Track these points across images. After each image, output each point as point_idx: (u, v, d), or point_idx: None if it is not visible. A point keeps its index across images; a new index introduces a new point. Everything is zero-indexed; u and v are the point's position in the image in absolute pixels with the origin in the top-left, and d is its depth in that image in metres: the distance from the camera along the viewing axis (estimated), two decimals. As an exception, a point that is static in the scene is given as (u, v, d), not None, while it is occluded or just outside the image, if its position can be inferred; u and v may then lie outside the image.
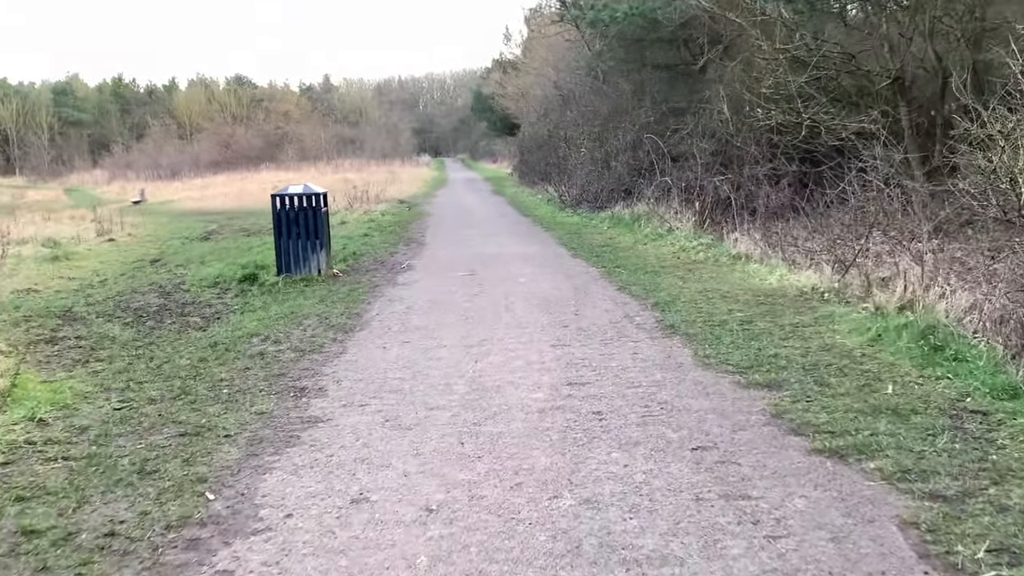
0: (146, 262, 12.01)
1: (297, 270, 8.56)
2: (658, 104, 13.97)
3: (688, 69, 14.90)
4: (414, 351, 5.17)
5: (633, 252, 10.02)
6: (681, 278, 7.91)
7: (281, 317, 6.52)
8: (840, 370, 4.52)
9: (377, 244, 11.60)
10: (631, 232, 12.01)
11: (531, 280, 7.96)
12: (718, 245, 9.79)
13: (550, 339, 5.42)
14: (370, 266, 9.49)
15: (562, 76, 20.15)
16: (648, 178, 13.33)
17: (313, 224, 8.57)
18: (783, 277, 7.58)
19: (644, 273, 8.26)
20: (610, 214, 13.88)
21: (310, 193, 8.59)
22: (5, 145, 55.03)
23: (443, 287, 7.67)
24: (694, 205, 11.42)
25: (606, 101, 15.29)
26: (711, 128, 12.53)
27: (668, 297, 6.84)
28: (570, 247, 10.70)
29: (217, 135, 57.85)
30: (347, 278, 8.59)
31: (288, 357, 5.15)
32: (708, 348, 5.06)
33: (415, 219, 15.94)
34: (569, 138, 17.89)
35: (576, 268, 8.81)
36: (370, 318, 6.31)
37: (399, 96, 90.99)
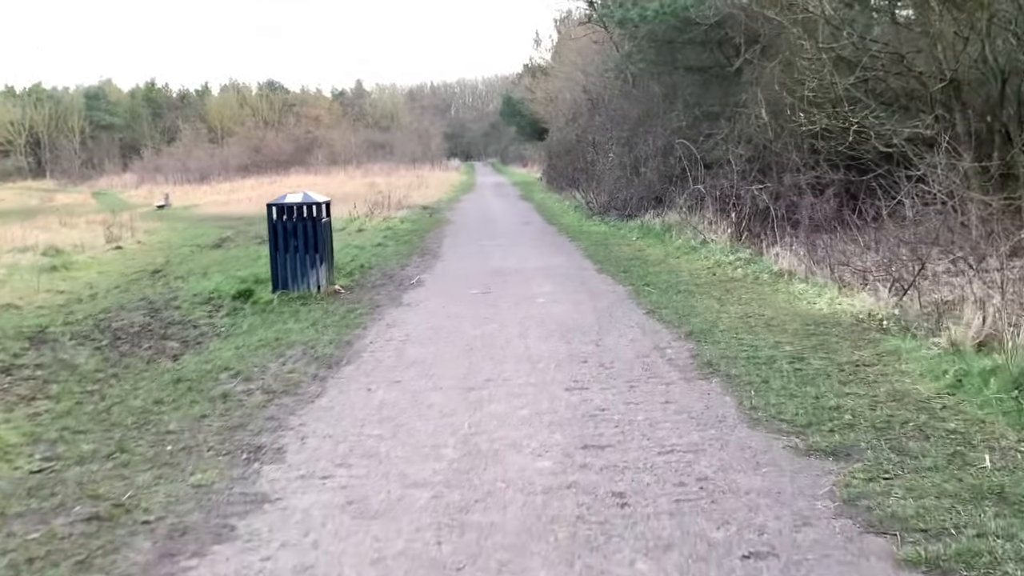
0: (147, 273, 11.47)
1: (294, 286, 7.89)
2: (690, 108, 13.09)
3: (722, 71, 13.98)
4: (403, 395, 4.40)
5: (664, 267, 9.16)
6: (718, 299, 7.04)
7: (263, 345, 5.82)
8: (920, 430, 3.65)
9: (389, 255, 10.90)
10: (662, 243, 11.15)
11: (551, 300, 7.16)
12: (757, 260, 8.89)
13: (566, 379, 4.61)
14: (377, 281, 8.77)
15: (591, 80, 19.34)
16: (680, 185, 12.44)
17: (313, 236, 7.89)
18: (834, 300, 6.67)
19: (676, 293, 7.41)
20: (639, 223, 13.02)
21: (310, 202, 7.91)
22: (37, 148, 55.82)
23: (451, 309, 6.91)
24: (730, 215, 10.51)
25: (635, 105, 14.44)
26: (747, 133, 11.61)
27: (704, 324, 5.99)
28: (596, 260, 9.87)
29: (247, 139, 58.11)
30: (349, 295, 7.88)
31: (255, 401, 4.42)
32: (755, 395, 4.21)
33: (435, 227, 15.24)
34: (597, 143, 17.07)
35: (601, 286, 7.99)
36: (362, 348, 5.57)
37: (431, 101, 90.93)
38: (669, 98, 13.42)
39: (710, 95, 13.05)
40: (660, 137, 13.01)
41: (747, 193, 10.41)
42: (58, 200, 42.05)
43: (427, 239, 12.91)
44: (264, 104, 67.99)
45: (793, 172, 10.06)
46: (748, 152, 11.40)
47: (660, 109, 13.43)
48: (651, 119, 13.62)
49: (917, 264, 6.73)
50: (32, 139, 55.94)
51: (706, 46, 12.81)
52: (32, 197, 43.82)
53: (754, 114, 11.35)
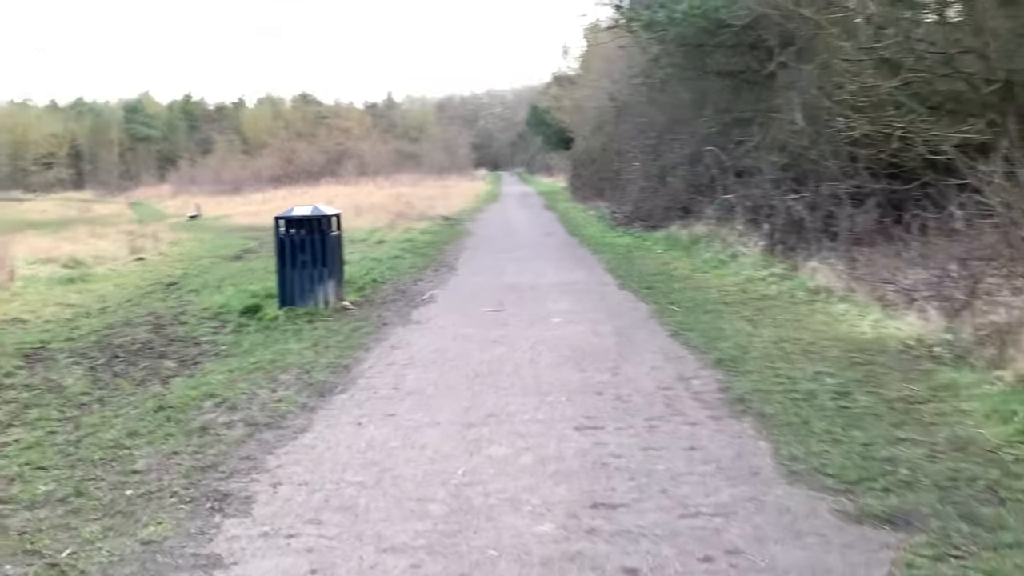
0: (162, 286, 11.25)
1: (301, 302, 7.52)
2: (720, 114, 12.51)
3: (754, 75, 13.39)
4: (395, 432, 3.96)
5: (691, 283, 8.61)
6: (750, 320, 6.48)
7: (258, 368, 5.43)
8: (992, 491, 3.09)
9: (404, 269, 10.51)
10: (688, 256, 10.59)
11: (567, 320, 6.68)
12: (792, 276, 8.30)
13: (577, 415, 4.12)
14: (388, 296, 8.37)
15: (617, 87, 18.84)
16: (708, 195, 11.87)
17: (321, 251, 7.52)
18: (878, 323, 6.08)
19: (704, 312, 6.86)
20: (665, 234, 12.48)
21: (318, 215, 7.55)
22: (78, 160, 57.05)
23: (460, 329, 6.46)
24: (762, 227, 9.92)
25: (662, 111, 13.90)
26: (781, 140, 11.00)
27: (734, 350, 5.45)
28: (618, 275, 9.36)
29: (280, 151, 58.74)
30: (357, 312, 7.49)
31: (234, 435, 4.01)
32: (794, 441, 3.67)
33: (454, 239, 14.85)
34: (622, 151, 16.56)
35: (623, 304, 7.47)
36: (359, 373, 5.14)
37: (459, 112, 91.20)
38: (698, 104, 12.87)
39: (741, 100, 12.47)
40: (688, 144, 12.46)
41: (781, 203, 9.81)
42: (96, 211, 42.85)
43: (445, 251, 12.51)
44: (297, 116, 68.76)
45: (830, 181, 9.43)
46: (782, 160, 10.80)
47: (688, 115, 12.88)
48: (678, 126, 13.08)
49: (971, 282, 6.11)
50: (73, 151, 57.22)
51: (737, 49, 12.25)
52: (72, 208, 44.70)
53: (788, 120, 10.75)
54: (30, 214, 43.02)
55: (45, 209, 44.88)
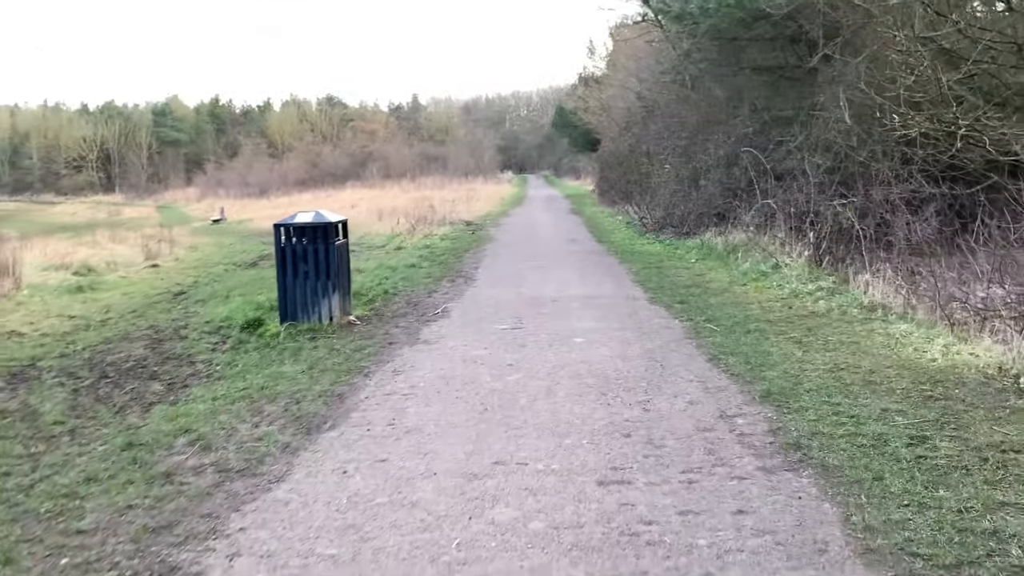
0: (170, 295, 10.84)
1: (304, 317, 6.97)
2: (758, 112, 11.75)
3: (794, 71, 12.59)
4: (384, 484, 3.34)
5: (729, 297, 7.88)
6: (799, 343, 5.76)
7: (245, 396, 4.86)
8: None
9: (420, 278, 9.93)
10: (725, 267, 9.84)
11: (591, 340, 6.01)
12: (843, 291, 7.53)
13: (601, 465, 3.47)
14: (399, 310, 7.79)
15: (645, 86, 18.11)
16: (746, 200, 11.11)
17: (324, 261, 6.96)
18: (949, 348, 5.31)
19: (745, 332, 6.15)
20: (699, 242, 11.72)
21: (322, 223, 6.99)
22: (107, 164, 57.79)
23: (472, 350, 5.84)
24: (806, 235, 9.14)
25: (695, 110, 13.15)
26: (826, 140, 10.21)
27: (784, 379, 4.74)
28: (648, 287, 8.66)
29: (305, 154, 58.96)
30: (363, 328, 6.91)
31: (201, 484, 3.44)
32: (867, 505, 2.98)
33: (475, 245, 14.25)
34: (651, 153, 15.81)
35: (654, 321, 6.78)
36: (354, 404, 4.54)
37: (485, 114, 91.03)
38: (733, 102, 12.11)
39: (780, 98, 11.69)
40: (723, 146, 11.70)
41: (827, 209, 9.03)
42: (124, 214, 43.25)
43: (464, 259, 11.91)
44: (323, 119, 69.06)
45: (883, 185, 8.63)
46: (827, 162, 10.00)
47: (723, 114, 12.12)
48: (712, 126, 12.32)
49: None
50: (103, 154, 57.99)
51: (776, 42, 11.47)
52: (101, 211, 45.23)
53: (834, 118, 9.95)
54: (61, 217, 43.63)
55: (75, 212, 45.51)
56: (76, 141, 56.37)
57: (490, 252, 12.88)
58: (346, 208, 33.33)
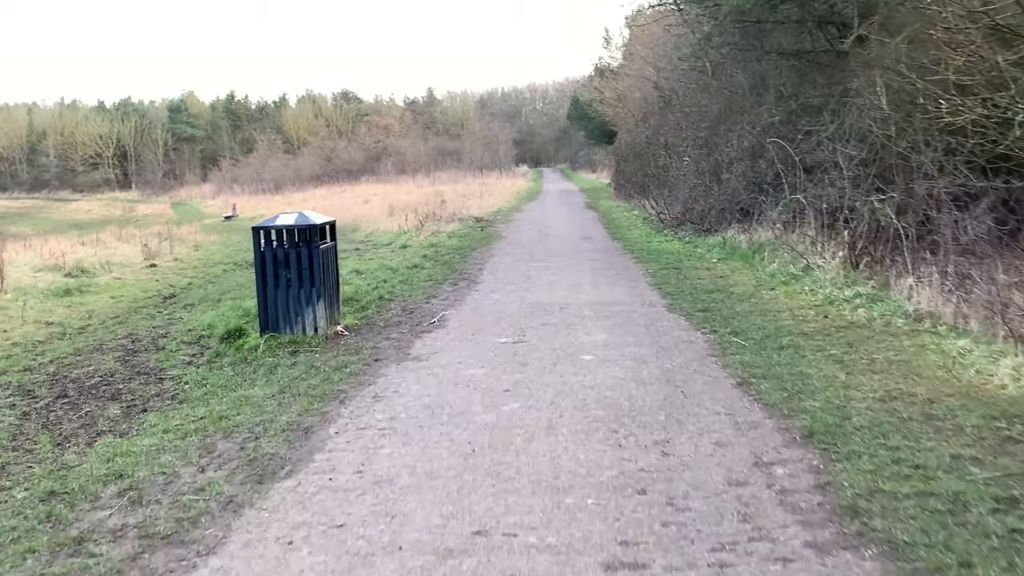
0: (160, 298, 10.28)
1: (286, 328, 6.33)
2: (784, 100, 10.92)
3: (823, 55, 11.74)
4: (335, 564, 2.66)
5: (756, 303, 7.12)
6: (840, 361, 5.01)
7: (199, 429, 4.22)
8: None
9: (420, 281, 9.27)
10: (750, 268, 9.07)
11: (602, 359, 5.31)
12: (884, 297, 6.75)
13: (608, 536, 2.77)
14: (393, 318, 7.13)
15: (663, 74, 17.28)
16: (772, 195, 10.31)
17: (308, 267, 6.31)
18: (1021, 371, 4.53)
19: (778, 348, 5.40)
20: (720, 240, 10.94)
21: (305, 225, 6.34)
22: (124, 160, 57.77)
23: (466, 370, 5.16)
24: (840, 234, 8.35)
25: (716, 99, 12.33)
26: (860, 129, 9.37)
27: (828, 413, 4.01)
28: (666, 292, 7.93)
29: (320, 149, 58.58)
30: (351, 340, 6.26)
31: (112, 557, 2.79)
32: (959, 612, 2.26)
33: (483, 243, 13.57)
34: (670, 145, 15.01)
35: (673, 334, 6.06)
36: (320, 442, 3.88)
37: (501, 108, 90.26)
38: (757, 89, 11.29)
39: (809, 84, 10.85)
40: (747, 136, 10.90)
41: (864, 205, 8.22)
42: (139, 211, 43.15)
43: (470, 260, 11.23)
44: (338, 114, 68.65)
45: (926, 178, 7.81)
46: (861, 153, 9.17)
47: (746, 103, 11.31)
48: (735, 115, 11.51)
49: None
50: (119, 151, 57.97)
51: (803, 24, 10.63)
52: (116, 208, 45.16)
53: (868, 105, 9.11)
54: (75, 214, 43.66)
55: (90, 209, 45.45)
56: (92, 138, 56.38)
57: (498, 251, 12.18)
58: (359, 203, 32.91)
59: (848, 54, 11.30)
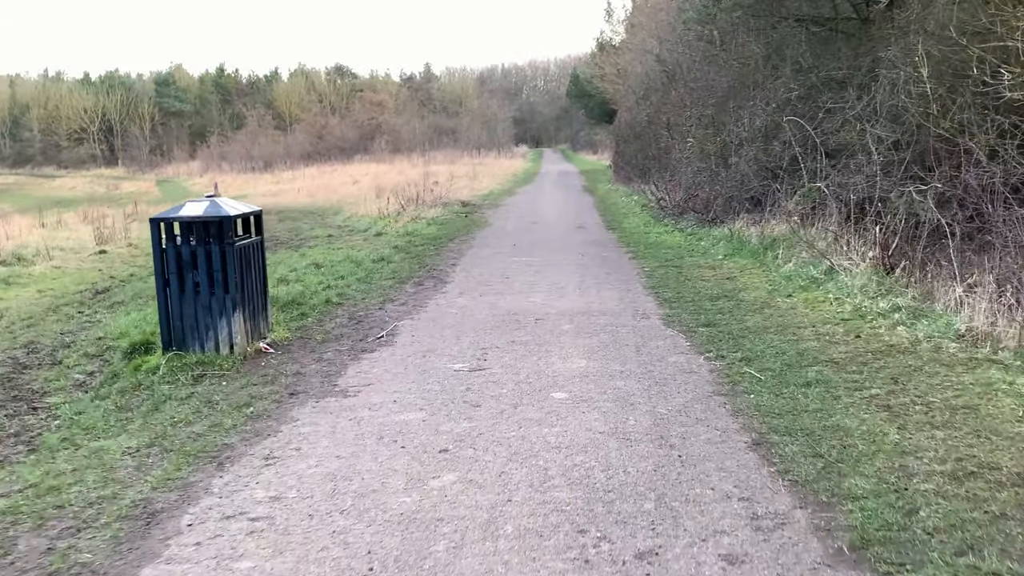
0: (91, 294, 9.09)
1: (194, 345, 5.15)
2: (803, 73, 9.64)
3: (846, 23, 10.43)
4: None
5: (772, 316, 5.92)
6: (886, 407, 3.83)
7: (9, 510, 3.05)
8: None
9: (382, 278, 8.07)
10: (762, 268, 7.87)
11: (577, 398, 4.13)
12: (928, 311, 5.55)
13: None
14: (335, 329, 5.94)
15: (666, 46, 15.91)
16: (788, 182, 9.07)
17: (221, 269, 5.11)
18: None
19: (803, 385, 4.22)
20: (727, 232, 9.72)
21: (215, 217, 5.12)
22: (110, 135, 56.18)
23: (400, 412, 3.98)
24: (870, 231, 7.13)
25: (724, 72, 11.03)
26: (892, 107, 8.12)
27: (884, 502, 2.84)
28: (664, 297, 6.73)
29: (311, 126, 56.95)
30: (273, 362, 5.08)
31: None
32: None
33: (464, 232, 12.35)
34: (672, 124, 13.73)
35: (669, 360, 4.87)
36: (157, 547, 2.71)
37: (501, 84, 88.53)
38: (772, 61, 10.00)
39: (832, 54, 9.57)
40: (759, 114, 9.63)
41: (899, 197, 6.99)
42: (124, 188, 41.80)
43: (445, 252, 10.02)
44: (331, 90, 66.91)
45: (976, 166, 6.57)
46: (894, 134, 7.93)
47: (759, 76, 10.02)
48: (746, 90, 10.23)
49: None
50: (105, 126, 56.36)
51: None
52: (101, 185, 43.80)
53: (903, 78, 7.85)
54: (58, 191, 42.25)
55: (74, 186, 44.07)
56: (77, 112, 54.75)
57: (479, 241, 10.96)
58: (347, 184, 31.60)
59: (874, 22, 10.00)
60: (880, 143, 7.83)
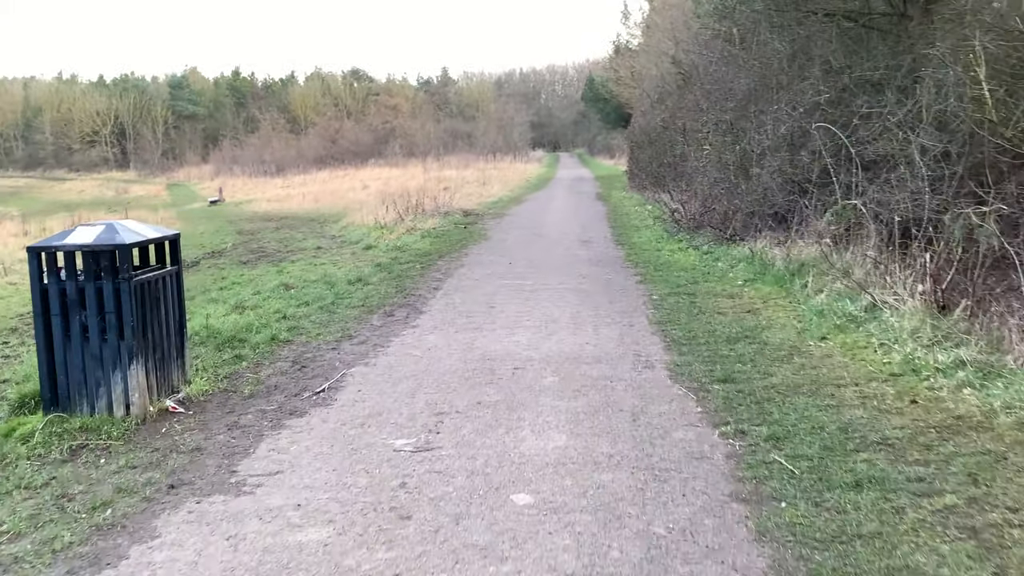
0: (30, 319, 8.17)
1: (80, 404, 4.17)
2: (835, 74, 8.52)
3: (880, 20, 9.29)
4: None
5: (802, 368, 4.82)
6: (970, 533, 2.76)
7: None
8: None
9: (350, 306, 7.06)
10: (788, 298, 6.76)
11: (545, 507, 3.08)
12: (1000, 367, 4.42)
13: None
14: (270, 379, 4.93)
15: (683, 47, 14.82)
16: (818, 198, 7.95)
17: (115, 310, 4.12)
18: None
19: (852, 487, 3.14)
20: (747, 252, 8.61)
21: (108, 246, 4.13)
22: (122, 138, 55.92)
23: (298, 531, 2.95)
24: (918, 258, 5.99)
25: (744, 73, 9.92)
26: (939, 112, 6.99)
27: None
28: (672, 338, 5.65)
29: (325, 130, 56.36)
30: (179, 427, 4.07)
31: None
32: None
33: (458, 246, 11.33)
34: (688, 130, 12.63)
35: (674, 435, 3.80)
36: None
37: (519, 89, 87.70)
38: (798, 60, 8.89)
39: (866, 53, 8.45)
40: (784, 120, 8.51)
41: (954, 219, 5.86)
42: (132, 192, 41.37)
43: (430, 272, 8.99)
44: (347, 93, 66.38)
45: (1051, 183, 5.43)
46: (941, 144, 6.79)
47: (784, 77, 8.91)
48: (769, 93, 9.12)
49: None
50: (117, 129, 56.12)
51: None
52: (110, 189, 43.43)
53: (953, 79, 6.73)
54: (67, 195, 41.85)
55: (83, 190, 43.69)
56: (89, 115, 54.51)
57: (470, 260, 9.93)
58: (357, 189, 30.79)
59: (912, 17, 8.86)
60: (927, 154, 6.70)
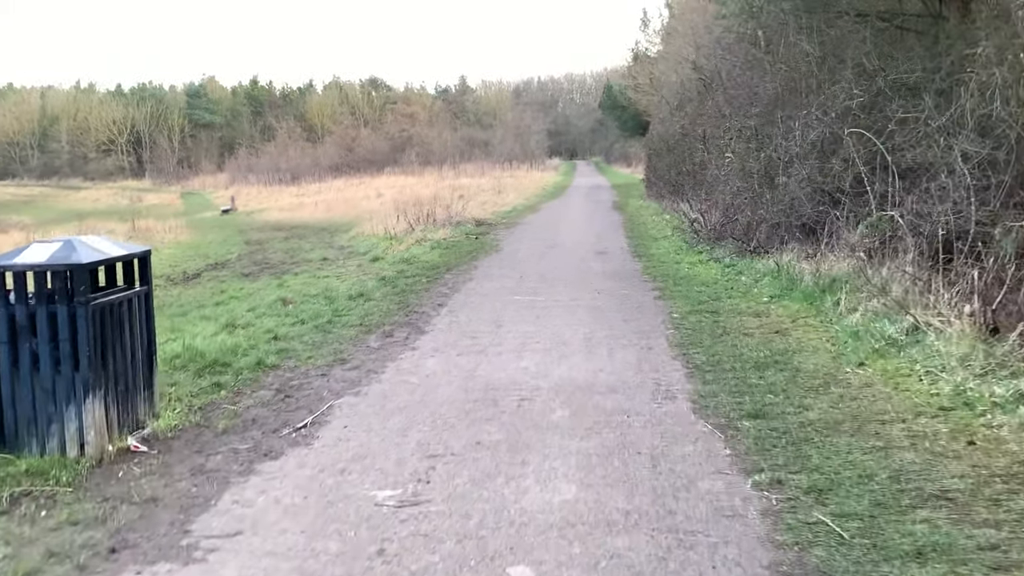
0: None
1: (30, 443, 3.75)
2: (868, 77, 7.98)
3: (915, 20, 8.75)
4: None
5: (842, 399, 4.29)
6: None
7: None
8: None
9: (346, 325, 6.62)
10: (819, 317, 6.22)
11: None
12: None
13: None
14: (248, 412, 4.48)
15: (704, 52, 14.32)
16: (851, 208, 7.41)
17: (70, 337, 3.70)
18: None
19: (913, 556, 2.62)
20: (773, 266, 8.07)
21: (62, 266, 3.71)
22: (138, 147, 56.26)
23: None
24: (964, 275, 5.44)
25: (770, 78, 9.40)
26: (982, 116, 6.44)
27: None
28: (695, 363, 5.14)
29: (341, 138, 56.38)
30: (137, 471, 3.64)
31: None
32: None
33: (468, 258, 10.88)
34: (708, 137, 12.11)
35: (700, 487, 3.30)
36: None
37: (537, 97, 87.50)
38: (829, 63, 8.36)
39: (902, 54, 7.91)
40: (814, 126, 7.98)
41: (1007, 233, 5.31)
42: (147, 200, 41.43)
43: (436, 286, 8.55)
44: (365, 102, 66.49)
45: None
46: (984, 150, 6.24)
47: (814, 81, 8.38)
48: (797, 97, 8.59)
49: None
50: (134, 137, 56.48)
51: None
52: (124, 197, 43.55)
53: (999, 81, 6.18)
54: (82, 204, 42.00)
55: (98, 199, 43.84)
56: (106, 123, 54.89)
57: (480, 272, 9.47)
58: (371, 197, 30.53)
59: (947, 19, 8.32)
60: (967, 161, 6.15)
